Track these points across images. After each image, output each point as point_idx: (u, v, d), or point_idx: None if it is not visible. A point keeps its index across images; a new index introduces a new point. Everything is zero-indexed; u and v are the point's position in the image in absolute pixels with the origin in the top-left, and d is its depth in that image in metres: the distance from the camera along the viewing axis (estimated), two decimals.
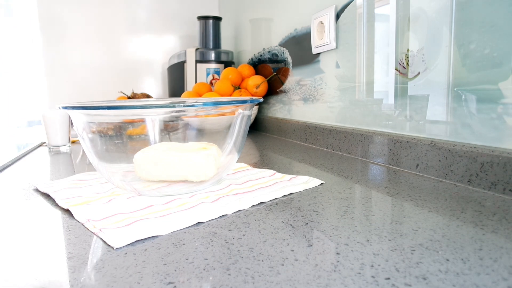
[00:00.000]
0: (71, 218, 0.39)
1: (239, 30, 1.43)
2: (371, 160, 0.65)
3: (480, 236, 0.31)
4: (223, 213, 0.38)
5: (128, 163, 0.46)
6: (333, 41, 0.78)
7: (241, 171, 0.58)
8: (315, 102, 0.89)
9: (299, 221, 0.36)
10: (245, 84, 1.17)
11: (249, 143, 0.94)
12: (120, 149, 0.45)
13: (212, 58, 1.34)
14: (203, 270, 0.27)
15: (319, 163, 0.65)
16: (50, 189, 0.48)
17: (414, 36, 0.57)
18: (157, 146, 0.45)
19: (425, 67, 0.55)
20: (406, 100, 0.60)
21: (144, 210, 0.39)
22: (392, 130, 0.63)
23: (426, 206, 0.40)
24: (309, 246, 0.30)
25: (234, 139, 0.48)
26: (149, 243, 0.31)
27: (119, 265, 0.28)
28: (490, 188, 0.44)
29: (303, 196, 0.45)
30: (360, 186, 0.49)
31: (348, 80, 0.75)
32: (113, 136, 0.44)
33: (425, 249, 0.29)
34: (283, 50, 1.05)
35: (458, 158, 0.48)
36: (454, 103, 0.51)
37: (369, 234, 0.32)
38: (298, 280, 0.25)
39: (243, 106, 0.47)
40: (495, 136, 0.46)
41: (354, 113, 0.73)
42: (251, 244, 0.31)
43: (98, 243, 0.32)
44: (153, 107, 0.42)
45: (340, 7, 0.75)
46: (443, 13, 0.52)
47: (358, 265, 0.27)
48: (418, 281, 0.24)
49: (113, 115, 0.44)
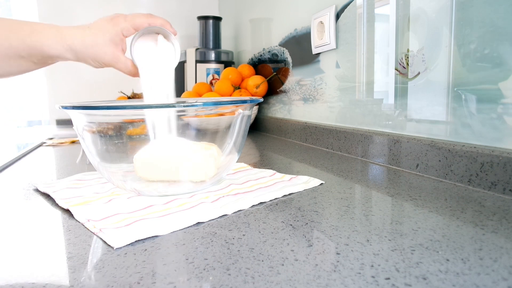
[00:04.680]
0: (71, 218, 0.39)
1: (239, 30, 1.43)
2: (371, 160, 0.65)
3: (480, 236, 0.31)
4: (223, 213, 0.38)
5: (128, 163, 0.46)
6: (333, 41, 0.78)
7: (241, 171, 0.58)
8: (315, 102, 0.89)
9: (299, 221, 0.36)
10: (245, 84, 1.17)
11: (249, 143, 0.94)
12: (120, 149, 0.45)
13: (212, 58, 1.34)
14: (203, 270, 0.27)
15: (319, 163, 0.65)
16: (50, 189, 0.48)
17: (414, 36, 0.57)
18: (157, 145, 0.45)
19: (425, 67, 0.55)
20: (406, 100, 0.60)
21: (144, 210, 0.39)
22: (392, 130, 0.63)
23: (426, 206, 0.40)
24: (309, 246, 0.30)
25: (234, 139, 0.48)
26: (149, 243, 0.31)
27: (119, 265, 0.28)
28: (490, 188, 0.44)
29: (303, 196, 0.45)
30: (360, 186, 0.49)
31: (348, 80, 0.75)
32: (113, 136, 0.44)
33: (425, 249, 0.29)
34: (283, 50, 1.05)
35: (458, 158, 0.48)
36: (454, 103, 0.51)
37: (369, 234, 0.32)
38: (298, 280, 0.25)
39: (243, 106, 0.47)
40: (495, 136, 0.46)
41: (354, 113, 0.73)
42: (251, 244, 0.31)
43: (98, 243, 0.32)
44: (153, 107, 0.42)
45: (340, 7, 0.75)
46: (443, 13, 0.52)
47: (358, 265, 0.27)
48: (418, 281, 0.24)
49: (113, 115, 0.44)
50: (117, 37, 0.45)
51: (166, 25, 0.48)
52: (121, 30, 0.45)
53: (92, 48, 0.44)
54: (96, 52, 0.44)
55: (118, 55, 0.46)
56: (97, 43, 0.44)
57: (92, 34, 0.44)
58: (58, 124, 1.58)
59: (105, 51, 0.45)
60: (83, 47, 0.44)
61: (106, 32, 0.44)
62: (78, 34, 0.44)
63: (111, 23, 0.45)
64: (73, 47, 0.43)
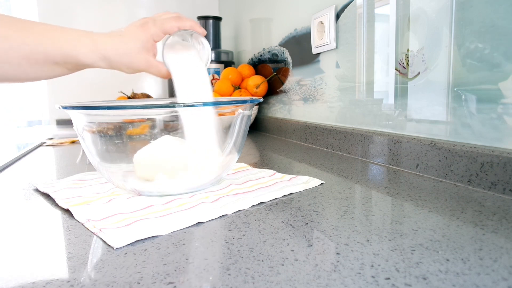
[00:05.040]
0: (71, 218, 0.39)
1: (239, 30, 1.43)
2: (371, 160, 0.65)
3: (480, 236, 0.31)
4: (223, 213, 0.38)
5: (128, 163, 0.46)
6: (333, 41, 0.78)
7: (241, 171, 0.58)
8: (315, 102, 0.89)
9: (299, 221, 0.36)
10: (245, 84, 1.17)
11: (249, 143, 0.94)
12: (120, 149, 0.45)
13: (212, 58, 1.34)
14: (203, 270, 0.27)
15: (319, 163, 0.65)
16: (50, 189, 0.48)
17: (414, 36, 0.57)
18: (157, 145, 0.45)
19: (425, 67, 0.55)
20: (406, 100, 0.60)
21: (144, 210, 0.39)
22: (392, 130, 0.63)
23: (426, 206, 0.40)
24: (309, 246, 0.30)
25: (234, 139, 0.48)
26: (149, 243, 0.31)
27: (119, 265, 0.28)
28: (490, 188, 0.44)
29: (303, 196, 0.45)
30: (360, 186, 0.49)
31: (348, 80, 0.75)
32: (113, 136, 0.44)
33: (425, 249, 0.29)
34: (283, 50, 1.05)
35: (458, 158, 0.48)
36: (454, 103, 0.51)
37: (369, 234, 0.32)
38: (298, 280, 0.25)
39: (243, 106, 0.47)
40: (495, 136, 0.46)
41: (354, 113, 0.73)
42: (251, 244, 0.31)
43: (98, 243, 0.32)
44: (153, 107, 0.42)
45: (340, 7, 0.75)
46: (443, 13, 0.52)
47: (358, 265, 0.27)
48: (418, 281, 0.24)
49: (113, 115, 0.44)
50: (148, 43, 0.45)
51: (195, 26, 0.48)
52: (151, 36, 0.45)
53: (126, 57, 0.44)
54: (129, 60, 0.45)
55: (150, 61, 0.46)
56: (130, 51, 0.44)
57: (124, 42, 0.44)
58: (58, 124, 1.58)
59: (138, 59, 0.45)
60: (117, 56, 0.44)
61: (138, 40, 0.45)
62: (111, 43, 0.44)
63: (141, 30, 0.45)
64: (107, 57, 0.44)
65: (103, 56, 0.43)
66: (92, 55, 0.43)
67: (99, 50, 0.43)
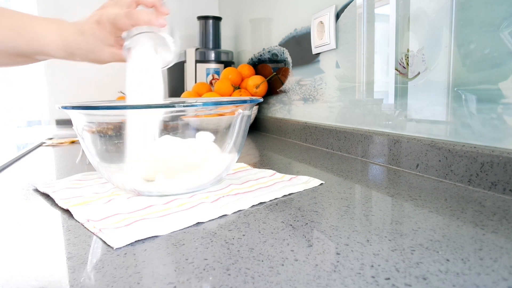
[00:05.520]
0: (71, 218, 0.39)
1: (239, 30, 1.43)
2: (371, 160, 0.65)
3: (480, 236, 0.31)
4: (223, 213, 0.38)
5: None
6: (333, 41, 0.78)
7: (241, 171, 0.58)
8: (315, 102, 0.89)
9: (299, 221, 0.36)
10: (245, 84, 1.17)
11: (249, 143, 0.94)
12: (120, 149, 0.45)
13: (212, 58, 1.34)
14: (203, 270, 0.27)
15: (319, 163, 0.65)
16: (50, 189, 0.48)
17: (414, 36, 0.57)
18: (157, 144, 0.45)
19: (425, 67, 0.55)
20: (406, 100, 0.60)
21: (144, 210, 0.39)
22: (392, 130, 0.63)
23: (426, 206, 0.40)
24: (309, 246, 0.30)
25: (234, 139, 0.48)
26: (149, 243, 0.31)
27: (119, 265, 0.28)
28: (490, 188, 0.44)
29: (303, 196, 0.45)
30: (360, 186, 0.49)
31: (348, 80, 0.75)
32: (113, 136, 0.44)
33: (425, 249, 0.29)
34: (283, 50, 1.05)
35: (458, 158, 0.48)
36: (454, 103, 0.51)
37: (369, 234, 0.32)
38: (298, 280, 0.25)
39: (243, 106, 0.47)
40: (495, 136, 0.46)
41: (354, 113, 0.73)
42: (251, 244, 0.31)
43: (98, 243, 0.32)
44: (153, 107, 0.42)
45: (340, 7, 0.75)
46: (443, 13, 0.52)
47: (358, 265, 0.27)
48: (418, 281, 0.24)
49: (112, 115, 0.44)
50: (109, 40, 0.46)
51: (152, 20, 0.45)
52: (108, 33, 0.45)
53: (91, 54, 0.46)
54: (94, 56, 0.46)
55: (116, 53, 0.47)
56: (93, 49, 0.46)
57: (85, 41, 0.45)
58: (57, 124, 1.58)
59: (102, 53, 0.46)
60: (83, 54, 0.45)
61: (97, 38, 0.45)
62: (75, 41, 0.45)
63: (98, 28, 0.45)
64: (74, 54, 0.45)
65: (70, 53, 0.45)
66: (61, 52, 0.45)
67: (65, 48, 0.45)
